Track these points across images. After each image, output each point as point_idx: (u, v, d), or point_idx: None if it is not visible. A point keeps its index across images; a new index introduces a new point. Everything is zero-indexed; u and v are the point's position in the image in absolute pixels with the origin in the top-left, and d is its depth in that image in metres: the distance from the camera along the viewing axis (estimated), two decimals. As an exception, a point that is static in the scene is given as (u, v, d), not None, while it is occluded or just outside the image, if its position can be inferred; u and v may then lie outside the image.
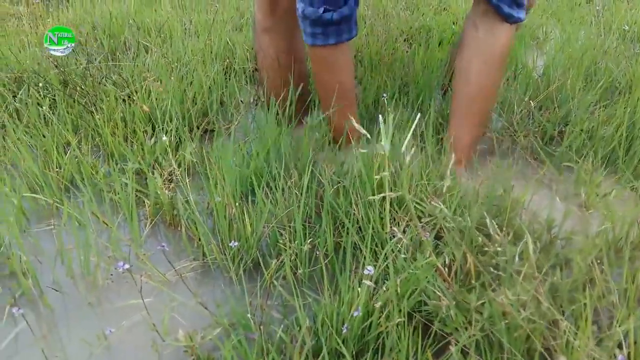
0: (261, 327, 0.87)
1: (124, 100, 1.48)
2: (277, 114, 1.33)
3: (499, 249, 0.87)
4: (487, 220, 0.87)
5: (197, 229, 1.08)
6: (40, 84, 1.55)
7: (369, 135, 0.87)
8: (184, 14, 2.32)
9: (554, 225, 1.02)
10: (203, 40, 1.86)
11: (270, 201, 1.10)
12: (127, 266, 0.80)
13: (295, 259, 1.01)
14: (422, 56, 1.76)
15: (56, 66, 1.60)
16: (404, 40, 2.05)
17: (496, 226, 0.89)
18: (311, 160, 1.22)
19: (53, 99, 1.54)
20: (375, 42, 1.88)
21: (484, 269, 0.88)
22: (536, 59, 1.92)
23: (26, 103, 1.51)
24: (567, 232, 1.03)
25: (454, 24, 2.20)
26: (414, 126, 0.80)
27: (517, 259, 0.88)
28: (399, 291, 0.82)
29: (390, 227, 0.94)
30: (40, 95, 1.53)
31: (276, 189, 1.12)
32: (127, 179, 1.17)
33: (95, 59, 1.73)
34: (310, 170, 1.09)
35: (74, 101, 1.47)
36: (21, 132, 1.36)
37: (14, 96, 1.57)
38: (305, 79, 1.48)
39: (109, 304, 0.98)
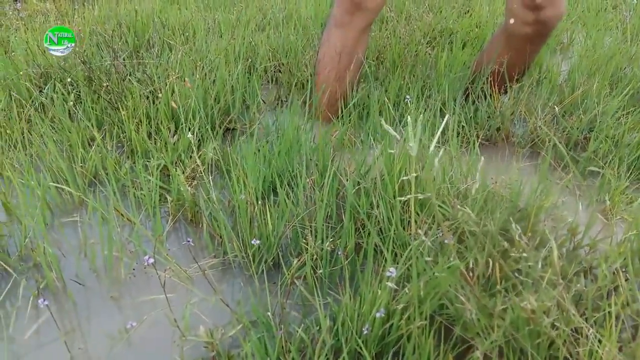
0: (281, 325, 0.87)
1: (147, 97, 1.49)
2: (303, 106, 1.33)
3: (523, 254, 0.86)
4: (512, 225, 0.86)
5: (218, 226, 1.09)
6: (68, 80, 1.58)
7: (398, 137, 0.86)
8: (207, 13, 2.33)
9: (578, 231, 1.01)
10: (226, 39, 1.87)
11: (292, 201, 1.10)
12: (152, 260, 0.81)
13: (315, 259, 1.01)
14: (445, 59, 1.75)
15: (83, 62, 1.62)
16: (427, 43, 2.04)
17: (520, 231, 0.88)
18: (332, 160, 1.22)
19: (78, 95, 1.56)
20: (398, 43, 1.87)
21: (507, 274, 0.87)
22: (560, 63, 1.90)
23: (52, 98, 1.54)
24: (592, 238, 1.01)
25: (477, 26, 2.18)
26: (441, 127, 0.80)
27: (540, 264, 0.87)
28: (421, 294, 0.82)
29: (416, 229, 0.94)
30: (65, 90, 1.56)
31: (297, 188, 1.12)
32: (150, 175, 1.18)
33: (120, 56, 1.75)
34: (332, 170, 1.09)
35: (99, 97, 1.49)
36: (47, 127, 1.38)
37: (40, 91, 1.59)
38: (352, 85, 1.51)
39: (130, 299, 0.99)
